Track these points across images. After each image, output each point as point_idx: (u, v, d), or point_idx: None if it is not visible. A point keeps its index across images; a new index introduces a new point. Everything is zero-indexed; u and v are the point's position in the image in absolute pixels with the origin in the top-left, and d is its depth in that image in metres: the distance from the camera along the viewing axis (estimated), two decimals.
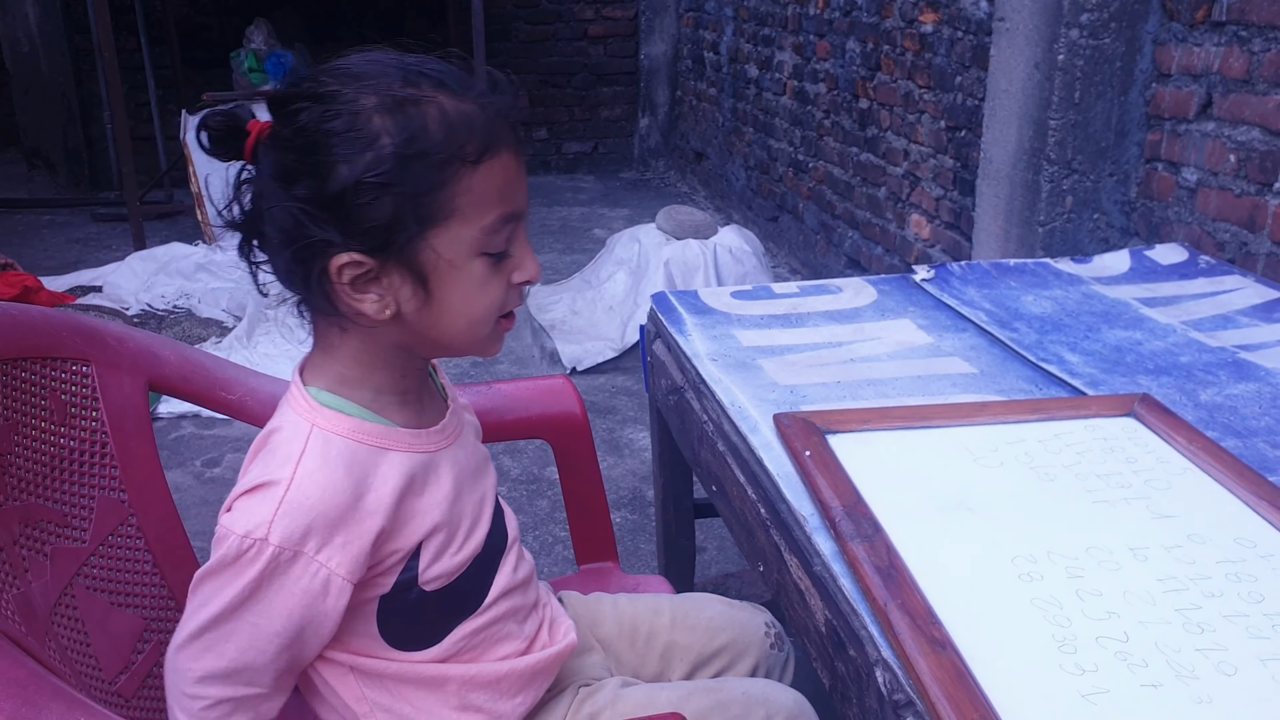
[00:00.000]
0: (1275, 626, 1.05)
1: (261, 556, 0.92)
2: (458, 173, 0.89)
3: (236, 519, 0.93)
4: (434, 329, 0.95)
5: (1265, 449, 1.45)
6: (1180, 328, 1.91)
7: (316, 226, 0.88)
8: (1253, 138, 2.27)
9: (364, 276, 0.92)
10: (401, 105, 0.88)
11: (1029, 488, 1.32)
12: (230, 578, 0.93)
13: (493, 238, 0.92)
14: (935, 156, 3.61)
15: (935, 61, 3.55)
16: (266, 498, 0.93)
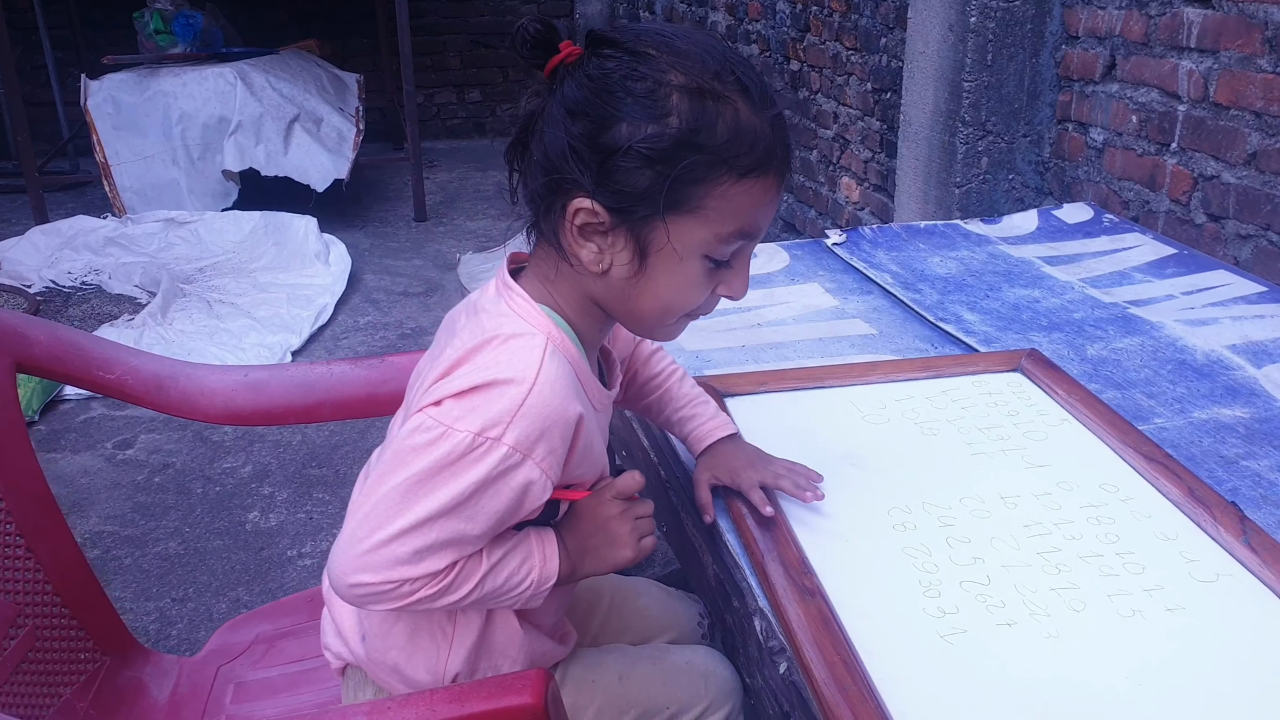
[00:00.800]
0: (1125, 565, 1.16)
1: (491, 455, 0.92)
2: (722, 177, 0.92)
3: (461, 416, 0.92)
4: (632, 300, 0.99)
5: (1141, 399, 1.56)
6: (1078, 285, 2.01)
7: (577, 165, 0.91)
8: (1151, 99, 2.38)
9: (593, 227, 0.95)
10: (703, 94, 0.90)
11: (912, 443, 1.41)
12: (450, 476, 0.92)
13: (722, 246, 0.95)
14: (863, 119, 3.70)
15: (861, 23, 3.63)
16: (502, 396, 0.92)
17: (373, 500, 0.93)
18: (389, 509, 0.92)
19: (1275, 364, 1.65)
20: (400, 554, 0.93)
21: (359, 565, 0.93)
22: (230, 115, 4.83)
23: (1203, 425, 1.49)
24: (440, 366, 0.96)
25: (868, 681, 0.99)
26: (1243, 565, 1.16)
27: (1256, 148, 2.10)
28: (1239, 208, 2.16)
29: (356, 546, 0.93)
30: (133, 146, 4.81)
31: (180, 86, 4.86)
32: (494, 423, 0.92)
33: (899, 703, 0.97)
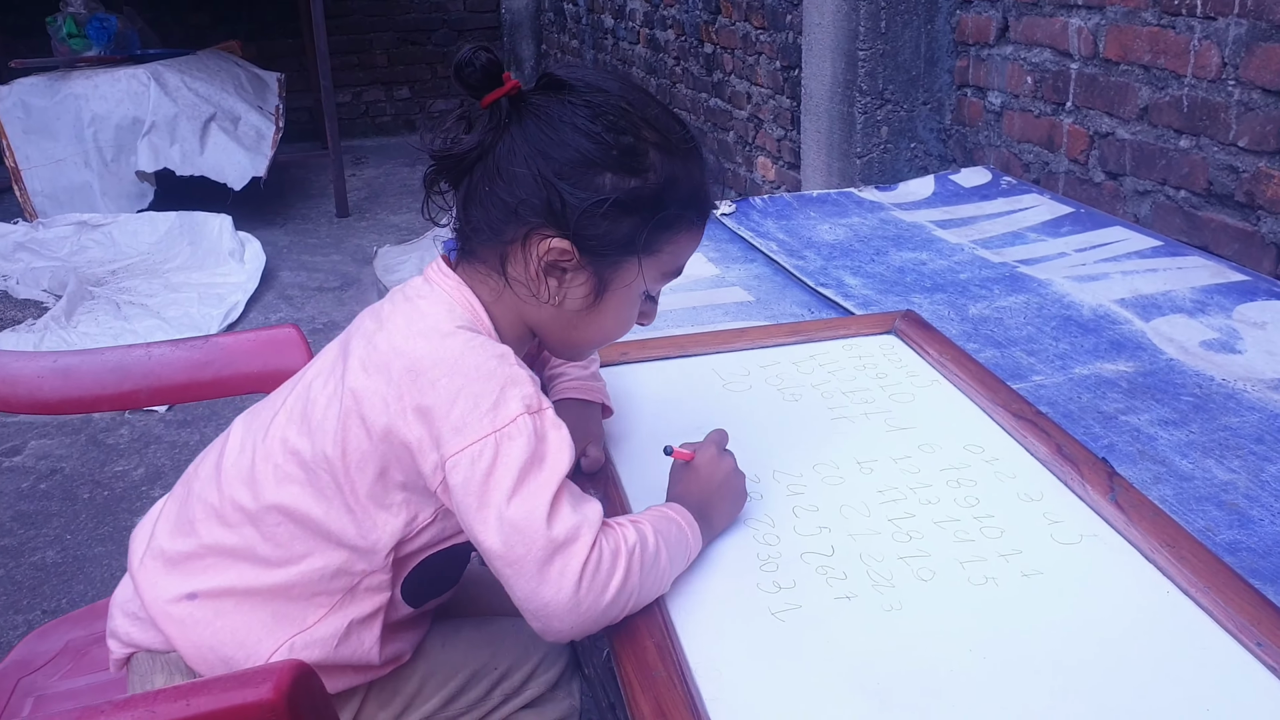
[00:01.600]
0: (983, 529, 1.04)
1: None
2: (681, 226, 0.99)
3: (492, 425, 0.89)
4: (574, 330, 1.01)
5: (1021, 356, 1.45)
6: (969, 246, 1.91)
7: (553, 203, 0.93)
8: (1045, 59, 2.28)
9: (560, 264, 0.96)
10: (671, 153, 0.96)
11: (772, 409, 1.29)
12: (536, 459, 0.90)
13: (660, 282, 1.02)
14: (774, 97, 3.59)
15: (768, 1, 3.52)
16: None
17: (511, 549, 0.87)
18: (527, 521, 0.87)
19: (1164, 317, 1.55)
20: (561, 524, 0.87)
21: (551, 582, 0.87)
22: (144, 116, 4.64)
23: (1083, 381, 1.38)
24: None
25: (681, 666, 0.86)
26: (1108, 524, 1.05)
27: (1147, 102, 2.01)
28: (1135, 164, 2.06)
29: (535, 574, 0.87)
30: (43, 150, 4.60)
31: (92, 89, 4.66)
32: (527, 397, 0.91)
33: (714, 688, 0.85)
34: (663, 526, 0.95)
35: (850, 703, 0.83)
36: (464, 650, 1.09)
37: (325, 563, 0.97)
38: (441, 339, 0.93)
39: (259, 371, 1.34)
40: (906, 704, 0.83)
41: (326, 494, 0.95)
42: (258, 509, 0.97)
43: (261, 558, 0.97)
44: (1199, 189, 1.92)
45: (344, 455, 0.93)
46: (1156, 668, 0.86)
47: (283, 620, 0.98)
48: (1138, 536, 1.01)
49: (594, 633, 0.91)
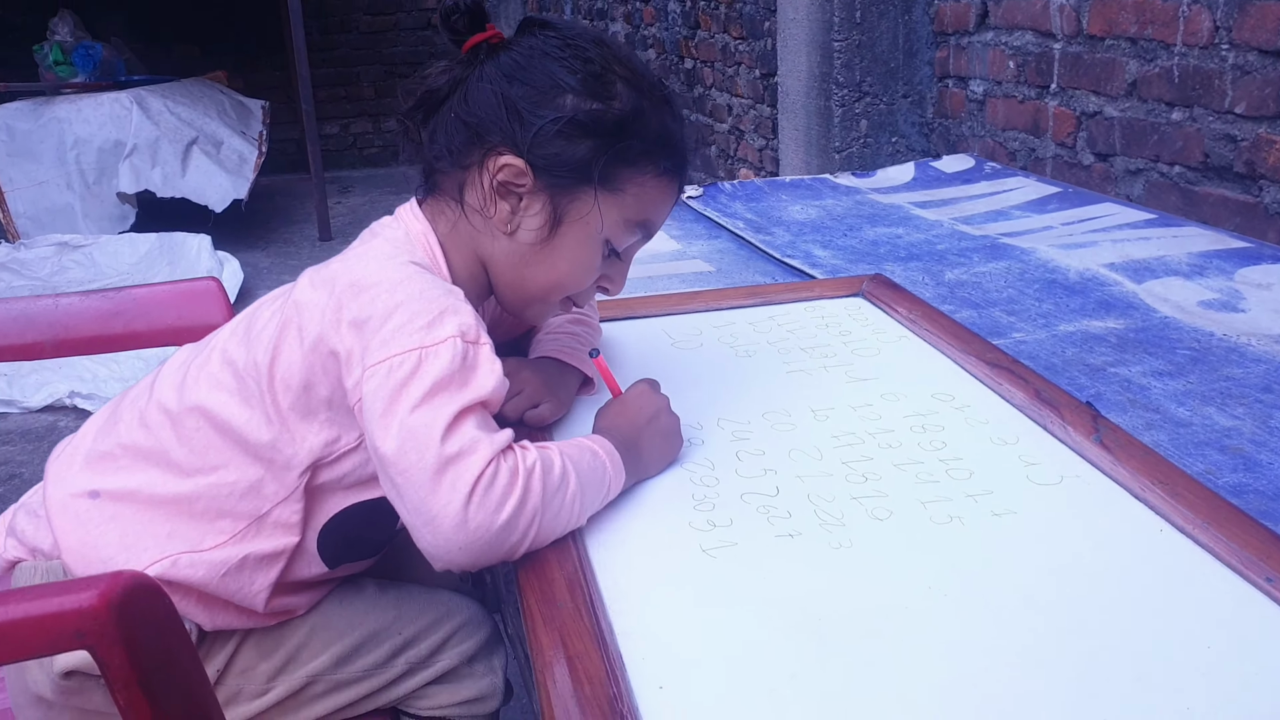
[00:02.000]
0: (949, 471, 0.91)
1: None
2: (646, 168, 0.92)
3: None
4: (527, 267, 0.94)
5: (1000, 316, 1.32)
6: (949, 223, 1.79)
7: (512, 123, 0.89)
8: (1027, 42, 2.17)
9: (512, 187, 0.91)
10: (641, 91, 0.92)
11: (723, 366, 1.16)
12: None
13: (624, 234, 0.95)
14: (755, 107, 3.50)
15: (745, 10, 3.44)
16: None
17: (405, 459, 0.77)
18: (426, 430, 0.77)
19: (1158, 279, 1.42)
20: (458, 439, 0.77)
21: (441, 494, 0.76)
22: (125, 139, 4.56)
23: (1068, 337, 1.25)
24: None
25: (592, 600, 0.73)
26: (1092, 465, 0.91)
27: (1136, 76, 1.90)
28: (1125, 142, 1.95)
29: (425, 483, 0.76)
30: (27, 172, 4.52)
31: (75, 112, 4.59)
32: (465, 328, 0.83)
33: (629, 622, 0.72)
34: (575, 454, 0.83)
35: (783, 641, 0.70)
36: (364, 608, 0.96)
37: (237, 477, 0.88)
38: (391, 263, 0.88)
39: (174, 325, 1.22)
40: (849, 642, 0.70)
41: (251, 401, 0.88)
42: (180, 409, 0.90)
43: (174, 463, 0.89)
44: (1195, 163, 1.81)
45: (273, 363, 0.87)
46: (1148, 605, 0.73)
47: (177, 538, 0.88)
48: (1125, 476, 0.88)
49: (492, 563, 0.78)
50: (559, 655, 0.68)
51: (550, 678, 0.66)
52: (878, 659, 0.68)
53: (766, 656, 0.69)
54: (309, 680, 0.93)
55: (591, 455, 0.85)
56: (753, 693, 0.65)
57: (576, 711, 0.63)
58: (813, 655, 0.69)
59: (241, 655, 0.92)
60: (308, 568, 0.92)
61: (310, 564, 0.92)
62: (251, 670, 0.92)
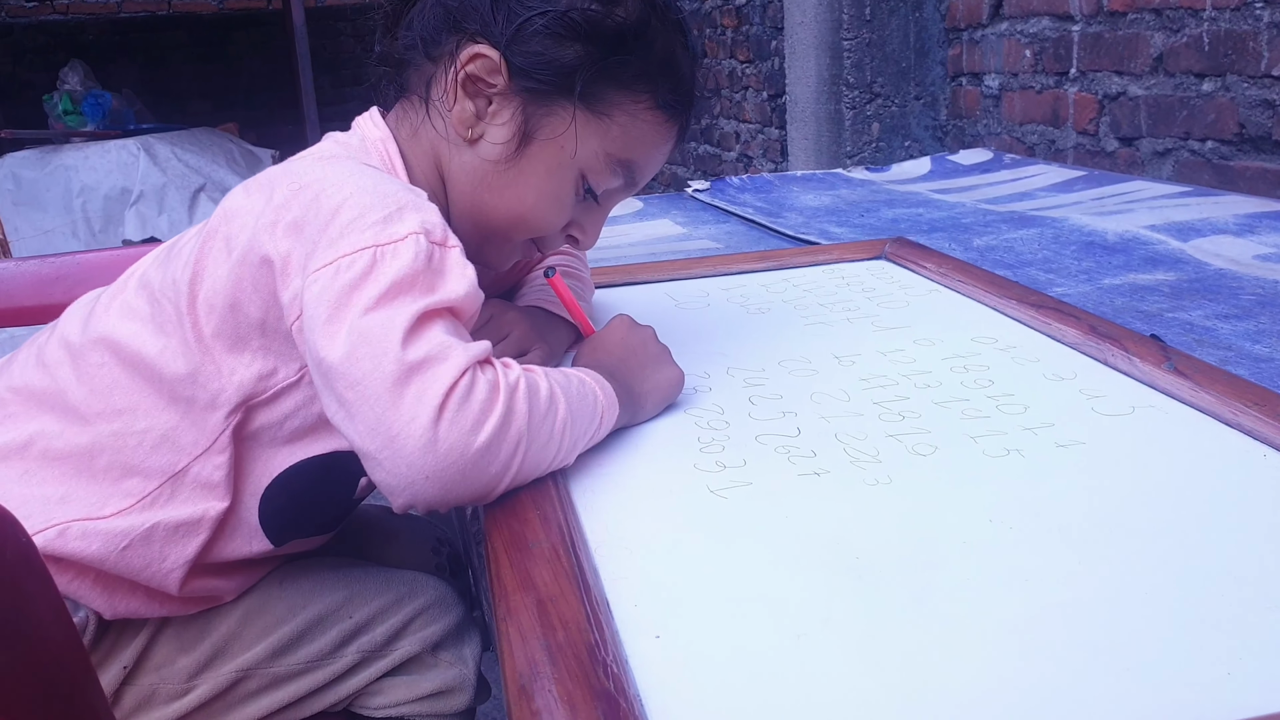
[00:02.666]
0: (999, 407, 0.77)
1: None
2: (642, 95, 0.78)
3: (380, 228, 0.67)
4: (487, 189, 0.80)
5: (1037, 274, 1.18)
6: (971, 203, 1.65)
7: (496, 10, 0.76)
8: (1043, 28, 2.05)
9: (483, 86, 0.77)
10: (653, 9, 0.78)
11: (732, 321, 1.02)
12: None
13: (604, 172, 0.80)
14: (763, 131, 3.39)
15: (752, 32, 3.35)
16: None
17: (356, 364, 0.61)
18: (383, 331, 0.61)
19: (1205, 237, 1.28)
20: (424, 344, 0.61)
21: (404, 406, 0.60)
22: (132, 186, 4.48)
23: (1115, 289, 1.11)
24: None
25: (573, 540, 0.58)
26: (1167, 396, 0.77)
27: (1162, 49, 1.77)
28: (1152, 121, 1.81)
29: (384, 394, 0.60)
30: (32, 221, 4.44)
31: (83, 160, 4.52)
32: (430, 225, 0.68)
33: (620, 567, 0.57)
34: (561, 379, 0.68)
35: (812, 582, 0.55)
36: (309, 589, 0.80)
37: (148, 424, 0.71)
38: (340, 162, 0.75)
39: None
40: (895, 580, 0.55)
41: (166, 328, 0.72)
42: (83, 342, 0.74)
43: (71, 407, 0.72)
44: (1229, 136, 1.67)
45: (194, 279, 0.71)
46: (1257, 529, 0.58)
47: (73, 502, 0.71)
48: (1211, 402, 0.73)
49: (466, 499, 0.62)
50: (526, 599, 0.53)
51: (513, 626, 0.51)
52: (933, 595, 0.53)
53: (792, 599, 0.54)
54: (240, 675, 0.76)
55: (579, 383, 0.70)
56: (775, 640, 0.51)
57: (545, 660, 0.48)
58: (850, 595, 0.54)
59: (156, 648, 0.74)
60: (246, 543, 0.74)
61: (249, 539, 0.74)
62: (169, 666, 0.75)
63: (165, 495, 0.71)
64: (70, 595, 0.70)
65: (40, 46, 6.00)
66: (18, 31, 5.99)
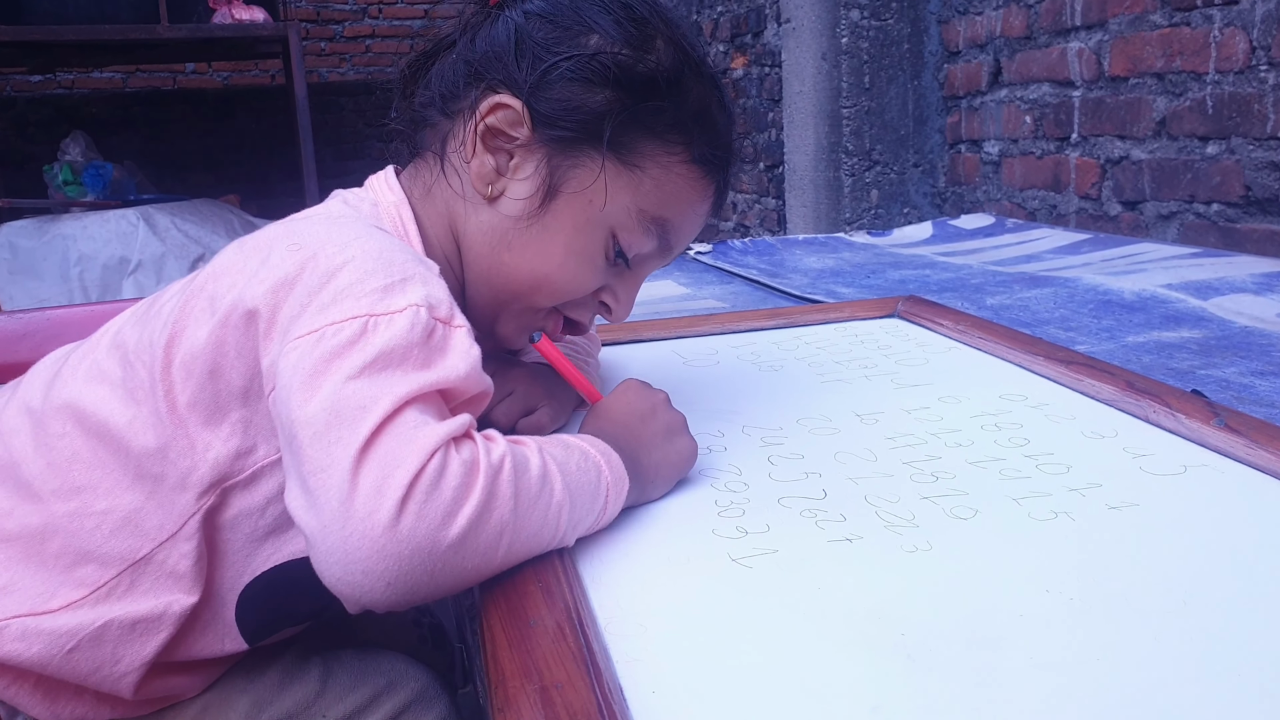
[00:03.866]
0: (1039, 466, 0.70)
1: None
2: (676, 146, 0.72)
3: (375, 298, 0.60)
4: (507, 250, 0.73)
5: (1057, 332, 1.12)
6: (978, 265, 1.60)
7: (518, 59, 0.70)
8: (1044, 94, 2.03)
9: (504, 139, 0.71)
10: (687, 60, 0.73)
11: (744, 379, 0.96)
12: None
13: (636, 230, 0.72)
14: (760, 201, 3.37)
15: (749, 105, 3.34)
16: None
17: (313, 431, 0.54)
18: (368, 402, 0.54)
19: (1224, 296, 1.22)
20: (395, 432, 0.53)
21: (361, 495, 0.51)
22: (131, 255, 4.44)
23: (1140, 347, 1.05)
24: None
25: (579, 618, 0.51)
26: (1219, 454, 0.70)
27: (1164, 113, 1.73)
28: (1155, 185, 1.77)
29: (348, 478, 0.52)
30: (28, 290, 4.39)
31: (81, 229, 4.48)
32: (435, 300, 0.61)
33: (635, 647, 0.50)
34: (559, 453, 0.61)
35: (856, 663, 0.48)
36: (277, 682, 0.71)
37: (108, 505, 0.63)
38: (346, 223, 0.68)
39: None
40: (949, 658, 0.47)
41: (138, 395, 0.64)
42: (45, 408, 0.66)
43: (25, 481, 0.64)
44: (1234, 198, 1.63)
45: (171, 342, 0.64)
46: None
47: (16, 592, 0.62)
48: (1269, 460, 0.67)
49: (433, 596, 0.54)
50: (528, 685, 0.46)
51: (512, 718, 0.44)
52: (996, 677, 0.46)
53: (833, 685, 0.46)
54: None
55: (581, 455, 0.62)
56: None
57: None
58: (900, 679, 0.46)
59: None
60: (217, 642, 0.66)
61: (220, 637, 0.66)
62: None
63: (124, 586, 0.63)
64: (5, 700, 0.62)
65: (44, 119, 6.01)
66: (21, 104, 6.00)
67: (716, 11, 3.50)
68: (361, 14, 6.42)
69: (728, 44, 3.46)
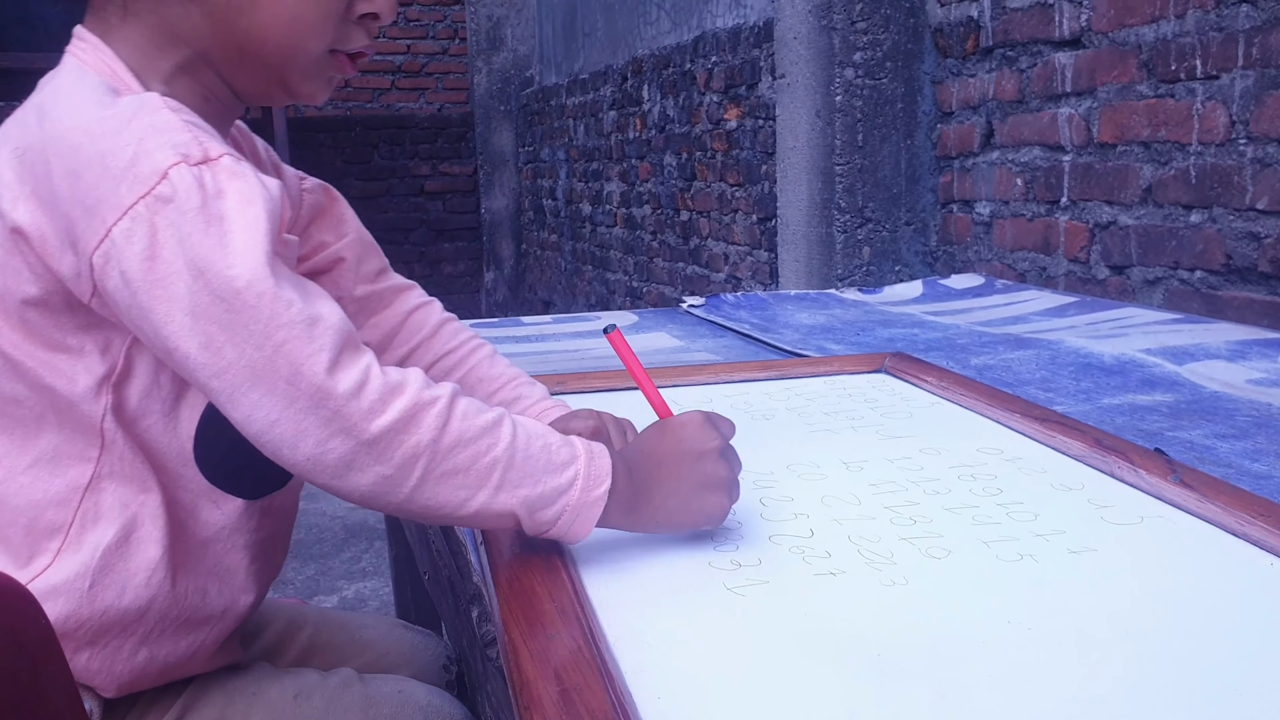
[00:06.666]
0: (1010, 514, 0.79)
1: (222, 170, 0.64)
2: None
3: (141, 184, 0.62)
4: (240, 16, 0.70)
5: (1036, 393, 1.22)
6: (966, 325, 1.70)
7: None
8: (1034, 157, 2.15)
9: None
10: None
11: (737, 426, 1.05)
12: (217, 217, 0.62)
13: None
14: (752, 253, 3.48)
15: (742, 156, 3.47)
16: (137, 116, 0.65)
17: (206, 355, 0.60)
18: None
19: (1199, 362, 1.33)
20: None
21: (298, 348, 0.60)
22: None
23: (1115, 409, 1.15)
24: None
25: (592, 633, 0.60)
26: (1175, 507, 0.79)
27: (1150, 180, 1.85)
28: (1142, 251, 1.89)
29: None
30: None
31: None
32: (180, 144, 0.63)
33: (640, 659, 0.59)
34: (531, 425, 0.68)
35: (835, 676, 0.56)
36: (322, 709, 0.79)
37: (32, 457, 0.69)
38: (58, 101, 0.68)
39: None
40: (918, 676, 0.56)
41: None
42: None
43: None
44: (1216, 266, 1.74)
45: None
46: (1268, 635, 0.60)
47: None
48: (1217, 513, 0.76)
49: (361, 495, 0.63)
50: (550, 689, 0.54)
51: (538, 716, 0.52)
52: (956, 691, 0.55)
53: (816, 693, 0.55)
54: None
55: (562, 442, 0.67)
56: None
57: None
58: (873, 691, 0.55)
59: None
60: (212, 511, 0.72)
61: (212, 506, 0.72)
62: None
63: (90, 515, 0.69)
64: (83, 681, 0.70)
65: None
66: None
67: (711, 62, 3.64)
68: None
69: (721, 95, 3.59)
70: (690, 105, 3.85)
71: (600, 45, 4.99)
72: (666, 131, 4.12)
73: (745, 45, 3.33)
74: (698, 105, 3.79)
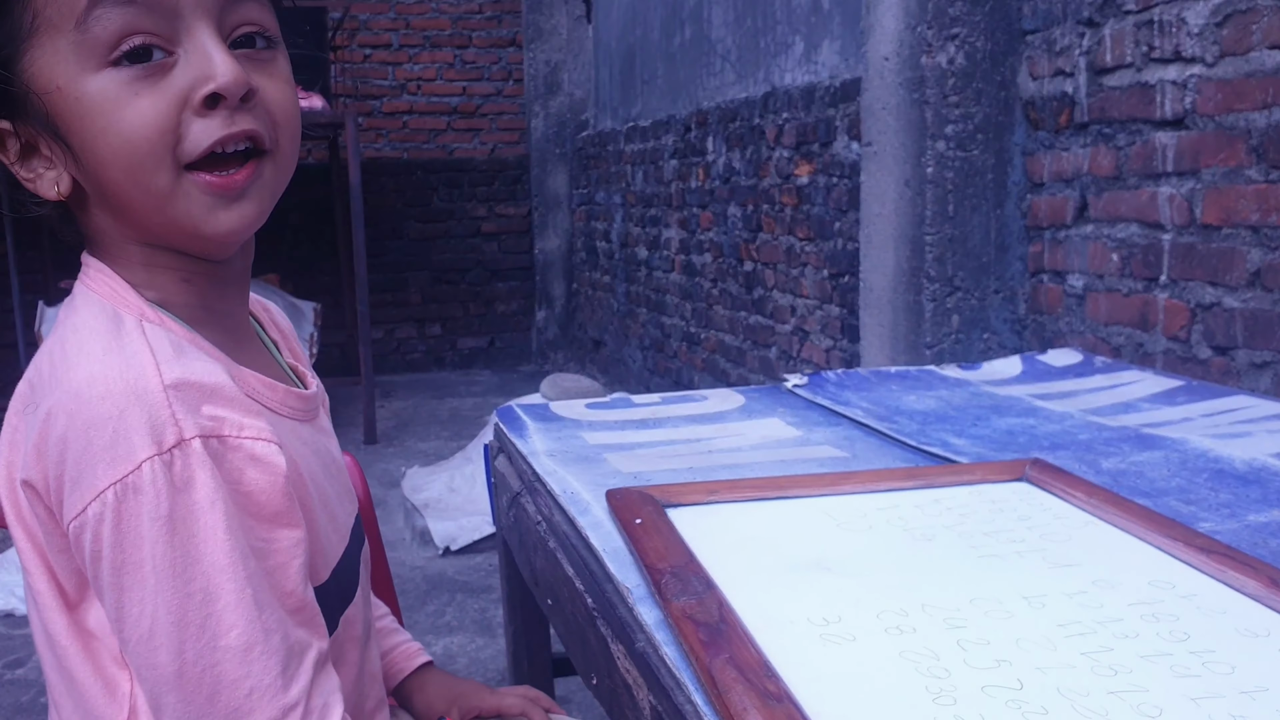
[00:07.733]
0: (1206, 664, 0.83)
1: (193, 458, 0.71)
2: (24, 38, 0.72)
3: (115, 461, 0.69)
4: (103, 189, 0.76)
5: (1179, 506, 1.26)
6: (1078, 414, 1.74)
7: None
8: (1131, 233, 2.19)
9: (23, 149, 0.76)
10: None
11: (901, 547, 1.10)
12: (186, 521, 0.70)
13: (96, 32, 0.70)
14: (821, 307, 3.53)
15: (814, 212, 3.52)
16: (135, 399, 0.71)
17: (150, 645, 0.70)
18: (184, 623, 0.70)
19: None
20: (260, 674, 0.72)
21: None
22: None
23: (1264, 527, 1.18)
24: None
25: None
26: None
27: (1259, 265, 1.89)
28: (1249, 334, 1.92)
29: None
30: None
31: None
32: (157, 425, 0.69)
33: None
34: None
35: None
36: None
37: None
38: (69, 363, 0.75)
39: None
40: None
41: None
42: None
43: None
44: None
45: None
46: None
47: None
48: None
49: None
50: None
51: None
52: None
53: None
54: None
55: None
56: None
57: None
58: None
59: None
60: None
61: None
62: None
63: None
64: None
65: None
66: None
67: (782, 119, 3.70)
68: (400, 90, 6.70)
69: (793, 150, 3.65)
70: (758, 159, 3.91)
71: (660, 93, 5.07)
72: (731, 183, 4.18)
73: (820, 104, 3.39)
74: (766, 159, 3.85)
